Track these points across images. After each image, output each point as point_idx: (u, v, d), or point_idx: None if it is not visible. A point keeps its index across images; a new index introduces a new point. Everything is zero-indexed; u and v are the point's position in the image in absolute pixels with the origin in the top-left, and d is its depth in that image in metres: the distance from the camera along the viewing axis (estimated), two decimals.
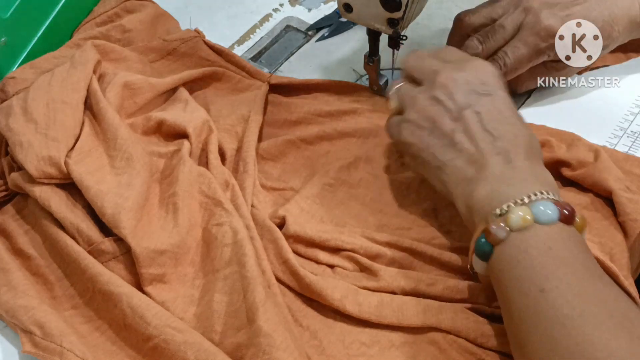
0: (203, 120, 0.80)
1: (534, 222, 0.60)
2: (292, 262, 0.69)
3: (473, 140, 0.67)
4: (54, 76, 0.80)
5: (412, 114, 0.71)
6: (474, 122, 0.68)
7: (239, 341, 0.64)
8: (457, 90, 0.70)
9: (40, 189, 0.73)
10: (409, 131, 0.71)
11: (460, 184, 0.67)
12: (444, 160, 0.68)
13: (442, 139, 0.69)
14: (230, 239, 0.69)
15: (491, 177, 0.65)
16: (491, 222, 0.61)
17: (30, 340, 0.66)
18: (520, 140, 0.67)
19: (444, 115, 0.69)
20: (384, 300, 0.67)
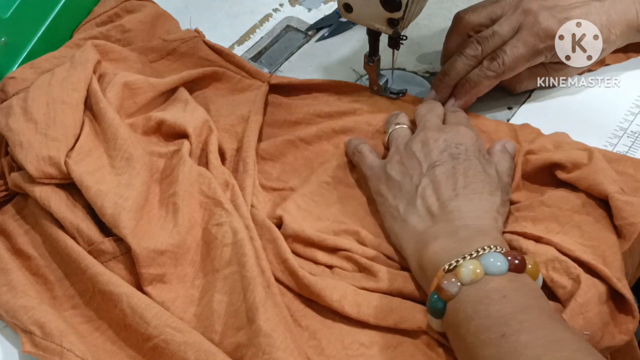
0: (203, 120, 0.80)
1: (485, 274, 0.61)
2: (291, 262, 0.69)
3: (432, 196, 0.70)
4: (53, 76, 0.80)
5: (392, 161, 0.75)
6: (439, 180, 0.71)
7: (239, 341, 0.64)
8: (433, 149, 0.73)
9: (40, 189, 0.73)
10: (385, 179, 0.74)
11: (412, 240, 0.69)
12: (402, 213, 0.71)
13: (407, 193, 0.72)
14: (230, 239, 0.69)
15: (441, 235, 0.67)
16: (442, 278, 0.62)
17: (30, 340, 0.66)
18: (475, 202, 0.69)
19: (416, 168, 0.73)
20: (383, 302, 0.67)
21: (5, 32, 0.88)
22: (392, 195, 0.73)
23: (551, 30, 0.80)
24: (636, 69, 0.88)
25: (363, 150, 0.78)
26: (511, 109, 0.86)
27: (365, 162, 0.77)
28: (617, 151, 0.81)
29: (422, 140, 0.74)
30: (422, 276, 0.67)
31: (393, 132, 0.79)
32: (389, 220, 0.72)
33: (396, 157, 0.75)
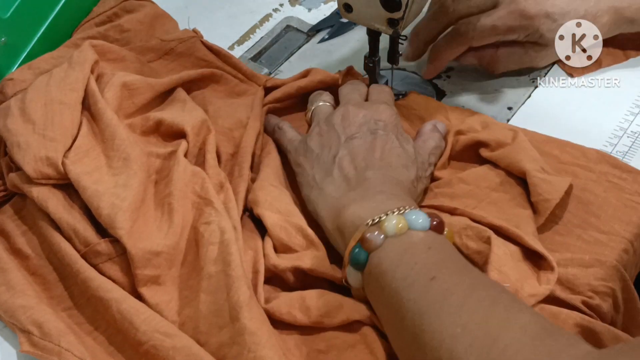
0: (201, 120, 0.80)
1: (408, 228, 0.63)
2: (260, 276, 0.69)
3: (349, 165, 0.73)
4: (51, 77, 0.80)
5: (312, 134, 0.77)
6: (356, 151, 0.73)
7: (222, 340, 0.63)
8: (352, 123, 0.76)
9: (37, 189, 0.73)
10: (304, 152, 0.77)
11: (327, 205, 0.71)
12: (319, 181, 0.73)
13: (324, 163, 0.74)
14: (217, 238, 0.68)
15: (359, 199, 0.69)
16: (366, 231, 0.64)
17: (28, 339, 0.66)
18: (390, 173, 0.72)
19: (334, 140, 0.75)
20: (330, 299, 0.66)
21: (5, 32, 0.88)
22: (310, 166, 0.75)
23: (527, 12, 0.81)
24: (636, 69, 0.88)
25: (283, 126, 0.81)
26: (511, 109, 0.86)
27: (286, 137, 0.80)
28: (617, 151, 0.81)
29: (342, 115, 0.77)
30: (339, 235, 0.69)
31: (315, 109, 0.82)
32: (306, 189, 0.75)
33: (316, 129, 0.78)
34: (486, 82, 0.89)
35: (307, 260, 0.69)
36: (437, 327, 0.57)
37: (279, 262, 0.69)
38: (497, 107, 0.87)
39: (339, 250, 0.70)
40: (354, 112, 0.77)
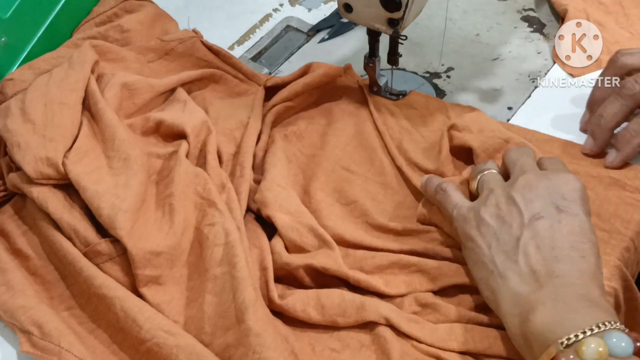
0: (202, 120, 0.80)
1: (609, 355, 0.55)
2: (269, 272, 0.69)
3: (536, 254, 0.63)
4: (51, 77, 0.80)
5: (486, 207, 0.67)
6: (543, 235, 0.64)
7: (228, 341, 0.63)
8: (536, 198, 0.66)
9: (37, 189, 0.73)
10: (477, 224, 0.67)
11: (511, 299, 0.62)
12: (500, 267, 0.64)
13: (505, 243, 0.65)
14: (222, 240, 0.68)
15: (551, 301, 0.60)
16: (560, 354, 0.56)
17: (28, 340, 0.66)
18: (583, 266, 0.62)
19: (516, 217, 0.65)
20: (346, 298, 0.67)
21: (5, 32, 0.88)
22: (487, 244, 0.65)
23: None
24: None
25: (447, 188, 0.71)
26: (511, 109, 0.86)
27: (451, 201, 0.70)
28: None
29: (522, 186, 0.67)
30: (524, 344, 0.60)
31: (483, 177, 0.71)
32: (481, 271, 0.66)
33: (492, 200, 0.67)
34: (486, 82, 0.89)
35: (320, 259, 0.69)
36: None
37: (291, 260, 0.69)
38: (497, 107, 0.87)
39: (519, 351, 0.62)
40: (535, 183, 0.67)
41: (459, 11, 0.99)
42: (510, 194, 0.67)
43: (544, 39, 0.94)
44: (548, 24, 0.95)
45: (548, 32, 0.94)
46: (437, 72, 0.91)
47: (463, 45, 0.94)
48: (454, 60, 0.92)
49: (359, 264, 0.71)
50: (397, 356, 0.64)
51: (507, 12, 0.98)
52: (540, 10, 0.98)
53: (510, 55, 0.92)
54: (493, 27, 0.96)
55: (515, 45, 0.94)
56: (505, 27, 0.96)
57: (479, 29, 0.96)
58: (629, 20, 0.93)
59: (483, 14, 0.98)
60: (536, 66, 0.90)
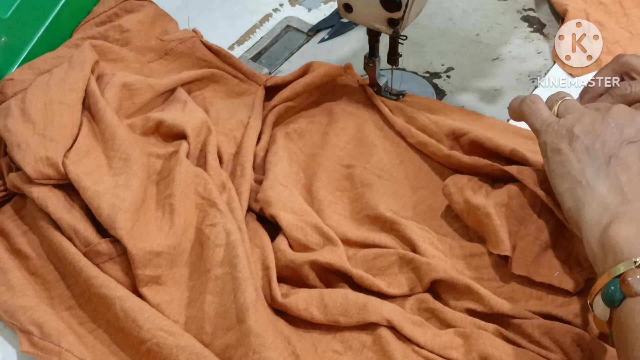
0: (202, 120, 0.80)
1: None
2: (271, 272, 0.69)
3: (627, 172, 0.63)
4: (51, 77, 0.80)
5: (580, 124, 0.66)
6: (634, 158, 0.63)
7: (228, 342, 0.63)
8: (629, 124, 0.65)
9: (37, 189, 0.73)
10: (568, 139, 0.66)
11: (597, 207, 0.62)
12: (589, 179, 0.64)
13: (596, 159, 0.64)
14: (223, 240, 0.68)
15: (637, 216, 0.59)
16: (630, 272, 0.56)
17: (28, 340, 0.66)
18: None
19: (608, 137, 0.65)
20: (349, 298, 0.66)
21: (5, 32, 0.88)
22: (577, 158, 0.65)
23: None
24: None
25: (537, 100, 0.71)
26: None
27: (540, 115, 0.70)
28: None
29: (616, 112, 0.66)
30: (599, 253, 0.60)
31: (565, 102, 0.70)
32: (567, 182, 0.65)
33: (586, 119, 0.66)
34: (486, 82, 0.89)
35: (325, 255, 0.69)
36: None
37: (296, 257, 0.69)
38: (497, 107, 0.87)
39: (591, 261, 0.62)
40: (631, 112, 0.66)
41: (459, 11, 0.99)
42: (604, 115, 0.66)
43: (544, 39, 0.94)
44: (548, 24, 0.96)
45: (548, 32, 0.94)
46: (437, 72, 0.91)
47: (463, 45, 0.94)
48: (454, 60, 0.92)
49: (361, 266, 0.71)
50: (399, 358, 0.64)
51: (507, 12, 0.98)
52: (540, 10, 0.98)
53: (510, 55, 0.92)
54: (493, 27, 0.96)
55: (515, 45, 0.94)
56: (505, 27, 0.96)
57: (479, 29, 0.96)
58: (629, 20, 0.93)
59: (483, 14, 0.98)
60: (536, 66, 0.90)
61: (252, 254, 0.69)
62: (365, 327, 0.66)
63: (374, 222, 0.75)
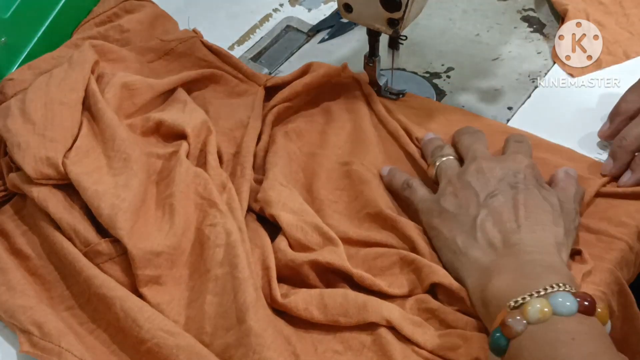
0: (202, 120, 0.80)
1: (553, 314, 0.58)
2: (271, 272, 0.69)
3: (493, 228, 0.67)
4: (52, 77, 0.80)
5: (445, 193, 0.72)
6: (499, 211, 0.68)
7: (228, 342, 0.63)
8: (490, 178, 0.70)
9: (37, 189, 0.73)
10: (438, 212, 0.71)
11: (474, 274, 0.66)
12: (461, 246, 0.68)
13: (464, 225, 0.69)
14: (223, 240, 0.68)
15: (506, 270, 0.63)
16: (507, 315, 0.59)
17: (28, 340, 0.66)
18: (539, 234, 0.66)
19: (472, 199, 0.70)
20: (349, 297, 0.66)
21: (5, 32, 0.88)
22: (448, 229, 0.69)
23: None
24: (636, 69, 0.88)
25: (413, 184, 0.75)
26: (511, 109, 0.86)
27: (417, 196, 0.74)
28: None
29: (476, 170, 0.72)
30: (484, 311, 0.64)
31: (441, 165, 0.75)
32: (447, 254, 0.69)
33: (449, 188, 0.72)
34: (486, 82, 0.89)
35: (325, 254, 0.69)
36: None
37: (296, 257, 0.69)
38: (497, 107, 0.87)
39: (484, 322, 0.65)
40: (488, 167, 0.71)
41: (458, 11, 0.99)
42: (466, 179, 0.71)
43: (544, 39, 0.94)
44: (548, 24, 0.95)
45: (548, 32, 0.94)
46: (437, 72, 0.91)
47: (463, 45, 0.94)
48: (454, 60, 0.92)
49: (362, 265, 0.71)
50: (399, 358, 0.64)
51: (507, 12, 0.98)
52: (540, 10, 0.98)
53: (510, 55, 0.92)
54: (493, 27, 0.96)
55: (515, 45, 0.94)
56: (505, 27, 0.96)
57: (479, 29, 0.96)
58: (629, 20, 0.93)
59: (483, 14, 0.98)
60: (536, 66, 0.90)
61: (252, 254, 0.69)
62: (365, 327, 0.66)
63: (374, 220, 0.74)
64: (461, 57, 0.92)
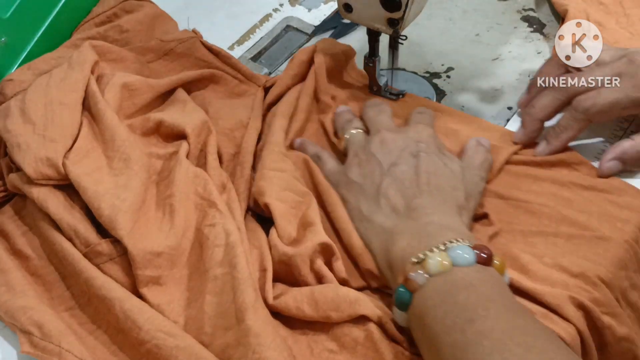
0: (202, 120, 0.80)
1: (452, 265, 0.61)
2: (268, 274, 0.69)
3: (395, 195, 0.71)
4: (51, 77, 0.80)
5: (351, 165, 0.75)
6: (401, 178, 0.72)
7: (227, 342, 0.63)
8: (392, 149, 0.74)
9: (38, 190, 0.73)
10: (346, 184, 0.74)
11: (378, 238, 0.69)
12: (366, 213, 0.71)
13: (369, 194, 0.72)
14: (222, 240, 0.68)
15: (408, 232, 0.67)
16: (409, 270, 0.63)
17: (28, 340, 0.66)
18: (439, 198, 0.70)
19: (376, 169, 0.73)
20: (341, 293, 0.66)
21: (5, 32, 0.88)
22: (354, 198, 0.73)
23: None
24: None
25: (322, 156, 0.79)
26: (511, 109, 0.86)
27: (326, 168, 0.78)
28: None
29: (380, 141, 0.75)
30: (390, 274, 0.67)
31: (350, 138, 0.79)
32: (355, 222, 0.72)
33: (355, 160, 0.75)
34: (486, 82, 0.89)
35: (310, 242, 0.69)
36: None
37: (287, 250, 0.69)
38: (497, 107, 0.87)
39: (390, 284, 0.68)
40: (392, 138, 0.75)
41: (458, 11, 0.99)
42: (370, 150, 0.75)
43: (544, 39, 0.94)
44: (548, 24, 0.96)
45: (548, 32, 0.94)
46: (437, 72, 0.91)
47: (463, 45, 0.94)
48: (454, 60, 0.92)
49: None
50: (390, 353, 0.64)
51: (507, 12, 0.98)
52: (540, 10, 0.98)
53: (510, 55, 0.92)
54: (493, 27, 0.96)
55: (515, 45, 0.94)
56: (505, 27, 0.96)
57: (479, 29, 0.96)
58: (629, 20, 0.93)
59: (483, 14, 0.98)
60: (536, 66, 0.90)
61: (251, 255, 0.69)
62: (357, 323, 0.66)
63: None
64: (461, 57, 0.92)
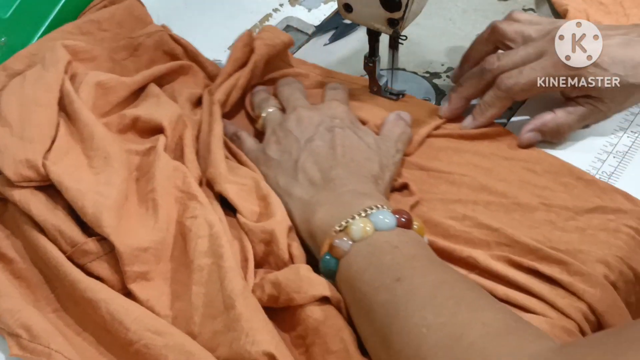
0: (178, 114, 0.80)
1: (374, 230, 0.64)
2: (250, 264, 0.69)
3: (312, 168, 0.73)
4: (25, 79, 0.79)
5: (269, 142, 0.78)
6: (317, 152, 0.74)
7: (215, 329, 0.63)
8: (308, 125, 0.77)
9: (19, 192, 0.72)
10: (265, 161, 0.77)
11: (298, 210, 0.72)
12: (284, 187, 0.74)
13: (287, 169, 0.75)
14: (205, 231, 0.68)
15: (326, 202, 0.69)
16: (333, 238, 0.65)
17: (17, 343, 0.65)
18: (354, 169, 0.73)
19: (293, 145, 0.76)
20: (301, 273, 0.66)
21: (5, 32, 0.88)
22: (273, 174, 0.75)
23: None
24: None
25: (241, 135, 0.81)
26: (511, 109, 0.86)
27: (245, 146, 0.80)
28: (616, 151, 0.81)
29: (296, 118, 0.78)
30: (312, 243, 0.69)
31: (267, 117, 0.82)
32: (279, 196, 0.74)
33: (273, 138, 0.78)
34: None
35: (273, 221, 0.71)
36: (403, 328, 0.58)
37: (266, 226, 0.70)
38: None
39: (315, 256, 0.70)
40: (307, 115, 0.78)
41: (458, 11, 0.98)
42: (287, 127, 0.78)
43: None
44: None
45: None
46: (437, 72, 0.91)
47: (463, 45, 0.93)
48: (454, 60, 0.92)
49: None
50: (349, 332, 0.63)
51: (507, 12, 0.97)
52: (540, 10, 0.98)
53: None
54: None
55: None
56: None
57: (479, 29, 0.94)
58: (629, 20, 0.93)
59: (483, 14, 0.98)
60: None
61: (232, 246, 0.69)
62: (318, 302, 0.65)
63: None
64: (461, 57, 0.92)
